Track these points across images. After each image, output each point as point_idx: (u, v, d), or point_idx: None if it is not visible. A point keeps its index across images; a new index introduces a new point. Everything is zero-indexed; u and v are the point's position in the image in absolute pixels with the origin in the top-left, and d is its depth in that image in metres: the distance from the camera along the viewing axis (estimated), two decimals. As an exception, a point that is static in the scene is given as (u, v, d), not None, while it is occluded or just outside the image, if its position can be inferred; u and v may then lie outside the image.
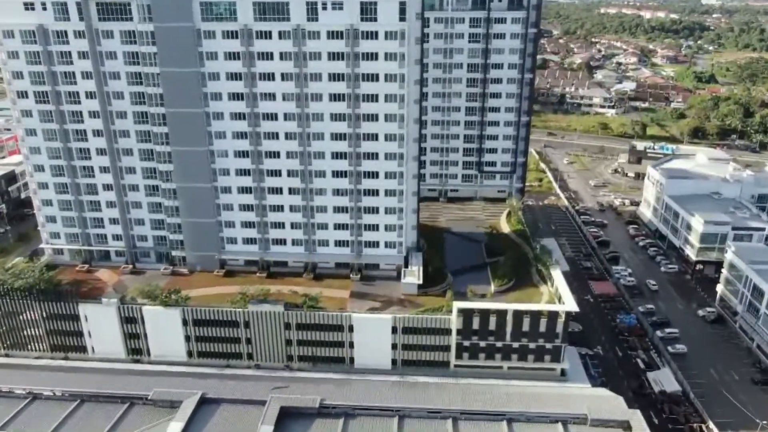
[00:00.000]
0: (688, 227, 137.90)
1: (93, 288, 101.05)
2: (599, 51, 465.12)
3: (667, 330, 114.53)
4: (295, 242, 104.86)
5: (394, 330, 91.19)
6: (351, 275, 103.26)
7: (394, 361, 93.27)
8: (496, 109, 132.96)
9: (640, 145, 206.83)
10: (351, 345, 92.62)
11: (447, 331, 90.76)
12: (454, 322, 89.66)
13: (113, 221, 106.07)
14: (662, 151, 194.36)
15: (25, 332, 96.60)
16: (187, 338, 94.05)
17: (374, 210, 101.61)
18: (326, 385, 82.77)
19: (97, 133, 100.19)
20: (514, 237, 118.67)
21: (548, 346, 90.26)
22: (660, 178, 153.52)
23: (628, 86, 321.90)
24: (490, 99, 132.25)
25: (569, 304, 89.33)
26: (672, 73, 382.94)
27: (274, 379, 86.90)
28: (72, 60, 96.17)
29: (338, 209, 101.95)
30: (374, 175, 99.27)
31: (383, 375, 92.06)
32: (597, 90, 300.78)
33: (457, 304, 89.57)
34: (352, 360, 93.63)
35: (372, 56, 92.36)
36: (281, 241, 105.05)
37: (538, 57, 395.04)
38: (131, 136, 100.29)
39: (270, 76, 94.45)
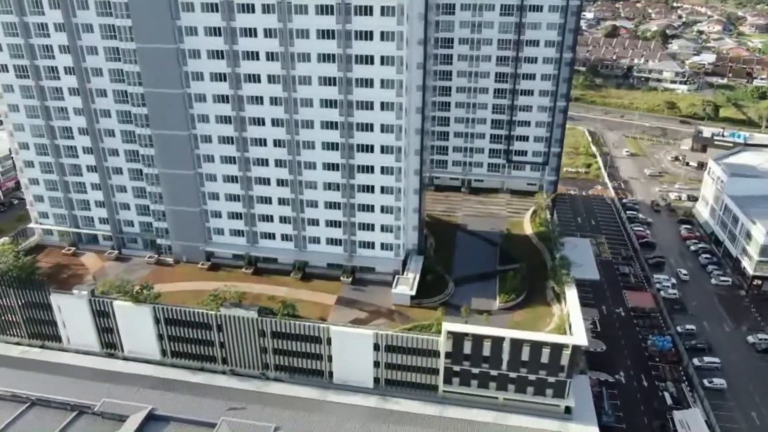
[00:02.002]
0: (748, 235, 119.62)
1: (73, 275, 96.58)
2: (679, 17, 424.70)
3: (707, 359, 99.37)
4: (284, 237, 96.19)
5: (376, 347, 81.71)
6: (342, 278, 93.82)
7: (376, 380, 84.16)
8: (528, 92, 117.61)
9: (707, 130, 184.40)
10: (330, 359, 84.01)
11: (435, 354, 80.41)
12: (443, 344, 79.05)
13: (99, 204, 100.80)
14: (732, 138, 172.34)
15: (4, 317, 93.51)
16: (160, 337, 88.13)
17: (369, 208, 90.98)
18: (290, 410, 74.38)
19: (79, 111, 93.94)
20: (536, 241, 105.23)
21: (551, 380, 78.34)
22: (721, 173, 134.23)
23: (707, 59, 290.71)
24: (522, 80, 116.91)
25: (578, 336, 76.55)
26: (760, 44, 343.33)
27: (237, 393, 79.81)
28: (49, 32, 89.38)
29: (330, 205, 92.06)
30: (369, 169, 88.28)
31: (364, 394, 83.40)
32: (669, 63, 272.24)
33: (447, 326, 78.64)
34: (331, 374, 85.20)
35: (366, 35, 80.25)
36: (270, 236, 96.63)
37: (608, 23, 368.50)
38: (112, 116, 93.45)
39: (254, 55, 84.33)
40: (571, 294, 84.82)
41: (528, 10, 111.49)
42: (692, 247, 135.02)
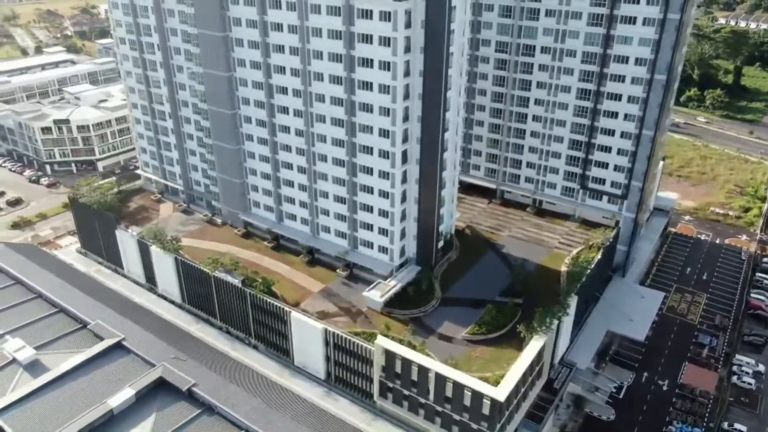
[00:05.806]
0: None
1: (145, 217, 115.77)
2: None
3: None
4: (303, 221, 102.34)
5: (326, 342, 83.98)
6: (338, 270, 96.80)
7: (329, 374, 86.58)
8: (612, 114, 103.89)
9: None
10: (292, 341, 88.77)
11: (370, 363, 79.84)
12: (377, 357, 78.07)
13: (178, 163, 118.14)
14: None
15: (93, 240, 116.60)
16: (180, 284, 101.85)
17: (369, 208, 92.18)
18: (223, 378, 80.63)
19: (165, 83, 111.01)
20: (563, 280, 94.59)
21: (473, 426, 72.45)
22: None
23: None
24: (606, 100, 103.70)
25: (500, 390, 69.24)
26: None
27: (201, 348, 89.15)
28: (148, 15, 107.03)
29: (338, 199, 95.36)
30: (369, 171, 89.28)
31: (314, 384, 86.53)
32: None
33: (380, 341, 77.39)
34: (293, 355, 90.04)
35: (367, 39, 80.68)
36: (293, 217, 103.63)
37: None
38: (186, 90, 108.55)
39: (280, 49, 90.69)
40: (533, 347, 76.21)
41: (618, 22, 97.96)
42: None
